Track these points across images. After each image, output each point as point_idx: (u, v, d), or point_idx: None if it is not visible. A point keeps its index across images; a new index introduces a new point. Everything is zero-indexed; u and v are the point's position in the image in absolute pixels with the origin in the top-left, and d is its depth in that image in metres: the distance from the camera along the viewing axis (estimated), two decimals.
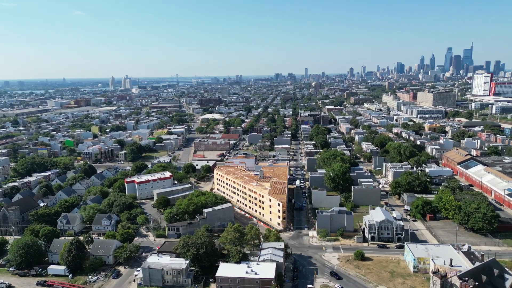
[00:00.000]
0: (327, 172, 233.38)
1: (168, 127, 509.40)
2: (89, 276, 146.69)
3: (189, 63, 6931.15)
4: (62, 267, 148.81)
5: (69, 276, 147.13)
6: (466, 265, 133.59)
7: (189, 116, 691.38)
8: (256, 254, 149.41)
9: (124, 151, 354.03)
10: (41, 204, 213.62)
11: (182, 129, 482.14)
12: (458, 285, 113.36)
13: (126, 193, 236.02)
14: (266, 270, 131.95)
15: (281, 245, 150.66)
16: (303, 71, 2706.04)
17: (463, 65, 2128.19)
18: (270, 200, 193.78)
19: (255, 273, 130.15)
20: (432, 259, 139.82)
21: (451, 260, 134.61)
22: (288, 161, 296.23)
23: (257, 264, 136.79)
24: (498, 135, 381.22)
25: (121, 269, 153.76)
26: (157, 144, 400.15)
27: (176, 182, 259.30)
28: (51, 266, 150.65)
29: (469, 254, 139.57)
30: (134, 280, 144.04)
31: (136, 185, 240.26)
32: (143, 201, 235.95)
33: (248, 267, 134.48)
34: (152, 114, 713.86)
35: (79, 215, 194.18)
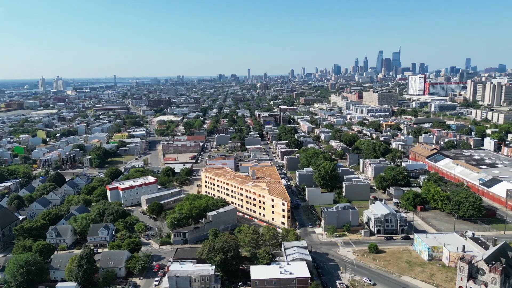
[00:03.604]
0: (317, 170, 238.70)
1: (127, 130, 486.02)
2: None
3: (126, 63, 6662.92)
4: (73, 284, 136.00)
5: None
6: (477, 250, 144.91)
7: (141, 118, 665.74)
8: (280, 254, 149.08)
9: (89, 157, 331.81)
10: (20, 218, 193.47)
11: (143, 132, 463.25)
12: (486, 269, 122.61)
13: (109, 201, 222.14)
14: (299, 269, 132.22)
15: (303, 243, 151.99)
16: (245, 72, 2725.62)
17: (392, 66, 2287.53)
18: (272, 200, 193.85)
19: (290, 273, 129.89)
20: (444, 247, 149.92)
21: (463, 247, 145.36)
22: (271, 161, 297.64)
23: (288, 264, 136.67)
24: (447, 131, 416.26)
25: (136, 280, 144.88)
26: (120, 148, 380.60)
27: (159, 186, 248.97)
28: (60, 284, 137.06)
29: (476, 240, 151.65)
30: None
31: (121, 191, 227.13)
32: (130, 208, 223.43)
33: (280, 267, 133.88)
34: (100, 117, 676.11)
35: (70, 226, 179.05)
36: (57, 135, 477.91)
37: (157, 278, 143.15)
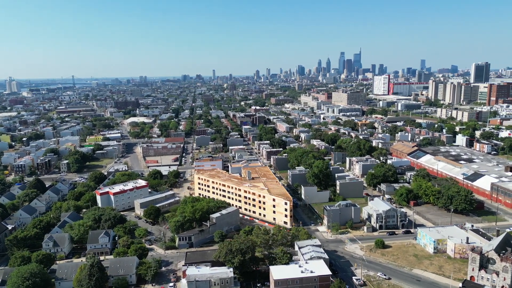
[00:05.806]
0: (310, 169, 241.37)
1: (101, 133, 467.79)
2: None
3: (83, 63, 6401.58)
4: None
5: None
6: (479, 241, 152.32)
7: (110, 120, 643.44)
8: (294, 253, 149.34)
9: (65, 161, 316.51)
10: (9, 227, 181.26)
11: (118, 135, 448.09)
12: (497, 258, 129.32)
13: (100, 206, 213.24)
14: (318, 268, 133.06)
15: (317, 241, 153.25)
16: (210, 72, 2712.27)
17: (354, 67, 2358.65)
18: (274, 199, 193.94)
19: (311, 271, 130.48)
20: (449, 239, 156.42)
21: (467, 239, 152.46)
22: (261, 161, 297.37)
23: (306, 262, 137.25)
24: (420, 129, 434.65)
25: (149, 287, 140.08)
26: (97, 152, 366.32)
27: (150, 190, 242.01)
28: None
29: (477, 232, 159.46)
30: None
31: (112, 196, 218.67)
32: (122, 213, 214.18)
33: (299, 266, 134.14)
34: (66, 119, 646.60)
35: (67, 234, 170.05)
36: (24, 139, 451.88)
37: (171, 284, 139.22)
